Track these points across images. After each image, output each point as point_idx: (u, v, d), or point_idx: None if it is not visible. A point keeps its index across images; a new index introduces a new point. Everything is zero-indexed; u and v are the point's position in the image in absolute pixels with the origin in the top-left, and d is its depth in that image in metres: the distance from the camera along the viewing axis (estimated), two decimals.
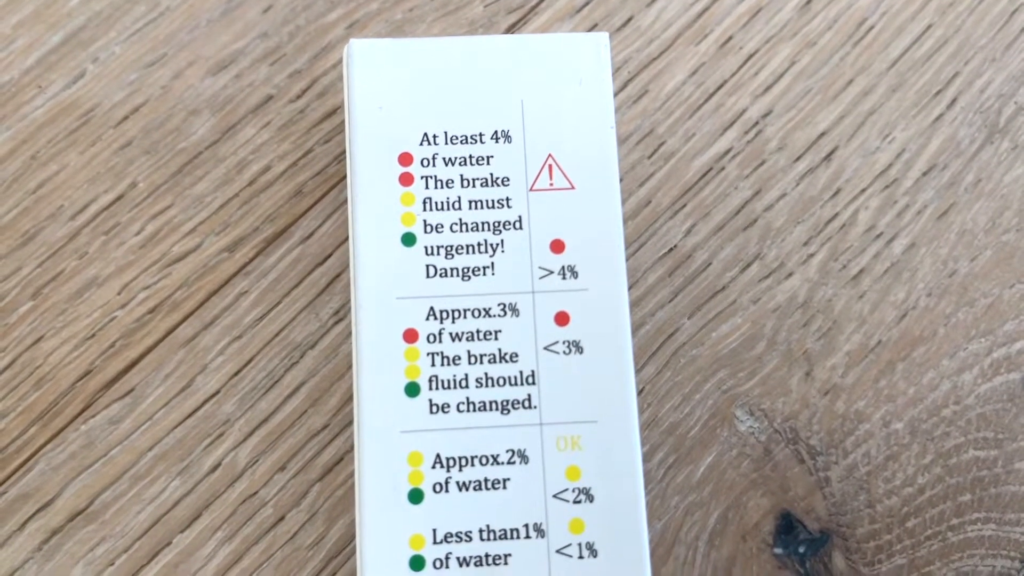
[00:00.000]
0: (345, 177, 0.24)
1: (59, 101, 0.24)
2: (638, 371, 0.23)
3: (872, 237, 0.24)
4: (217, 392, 0.23)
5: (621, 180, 0.24)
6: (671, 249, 0.24)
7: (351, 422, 0.23)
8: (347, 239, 0.24)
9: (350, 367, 0.23)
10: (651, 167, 0.24)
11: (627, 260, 0.24)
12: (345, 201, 0.24)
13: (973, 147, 0.25)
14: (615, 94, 0.25)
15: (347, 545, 0.22)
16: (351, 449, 0.22)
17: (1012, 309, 0.24)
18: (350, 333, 0.23)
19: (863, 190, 0.24)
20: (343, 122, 0.24)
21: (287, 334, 0.23)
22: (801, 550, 0.23)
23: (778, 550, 0.23)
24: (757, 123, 0.25)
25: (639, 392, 0.23)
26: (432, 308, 0.19)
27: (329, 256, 0.24)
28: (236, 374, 0.23)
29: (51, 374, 0.23)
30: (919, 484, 0.23)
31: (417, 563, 0.18)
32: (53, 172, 0.24)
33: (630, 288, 0.24)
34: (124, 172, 0.24)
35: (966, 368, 0.24)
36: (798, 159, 0.25)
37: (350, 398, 0.23)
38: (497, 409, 0.19)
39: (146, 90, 0.24)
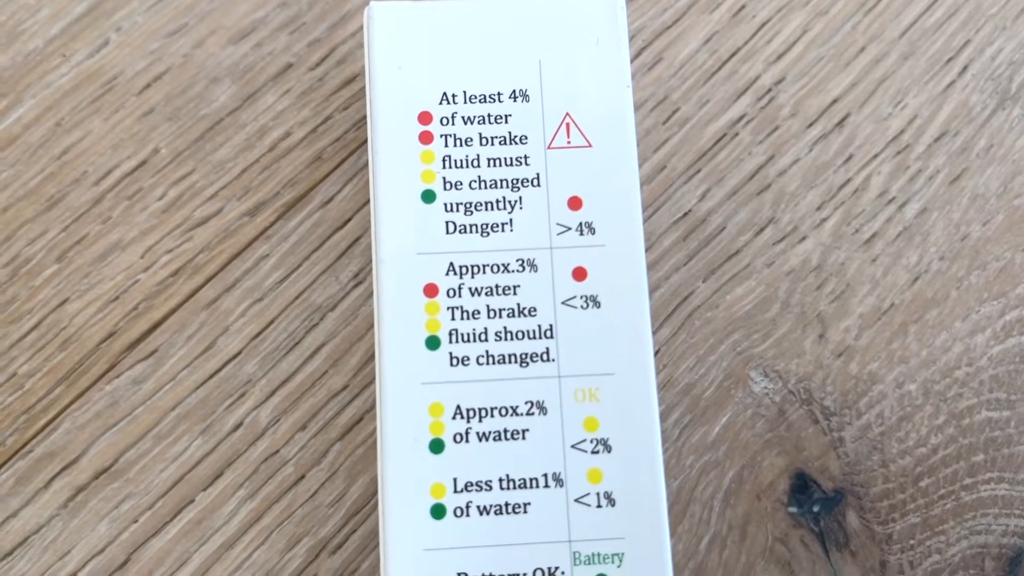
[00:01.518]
0: (364, 143, 0.24)
1: (83, 69, 0.25)
2: (653, 333, 0.23)
3: (885, 202, 0.24)
4: (239, 353, 0.23)
5: (637, 144, 0.24)
6: (686, 213, 0.24)
7: (371, 382, 0.23)
8: (366, 203, 0.24)
9: (370, 329, 0.23)
10: (666, 133, 0.25)
11: (643, 223, 0.24)
12: (364, 166, 0.24)
13: (985, 113, 0.25)
14: (630, 62, 0.25)
15: (367, 503, 0.22)
16: (371, 409, 0.23)
17: None
18: (370, 295, 0.23)
19: (875, 155, 0.25)
20: (362, 89, 0.25)
21: (307, 296, 0.23)
22: (815, 509, 0.23)
23: (792, 509, 0.23)
24: (770, 90, 0.25)
25: (655, 353, 0.23)
26: (452, 263, 0.20)
27: (348, 220, 0.24)
28: (257, 336, 0.23)
29: (76, 335, 0.23)
30: (932, 444, 0.23)
31: (438, 511, 0.19)
32: (77, 139, 0.24)
33: (645, 252, 0.24)
34: (147, 138, 0.24)
35: (979, 330, 0.24)
36: (811, 125, 0.25)
37: (370, 359, 0.23)
38: (516, 362, 0.20)
39: (168, 59, 0.25)
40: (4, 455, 0.22)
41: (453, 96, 0.21)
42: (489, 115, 0.20)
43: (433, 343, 0.20)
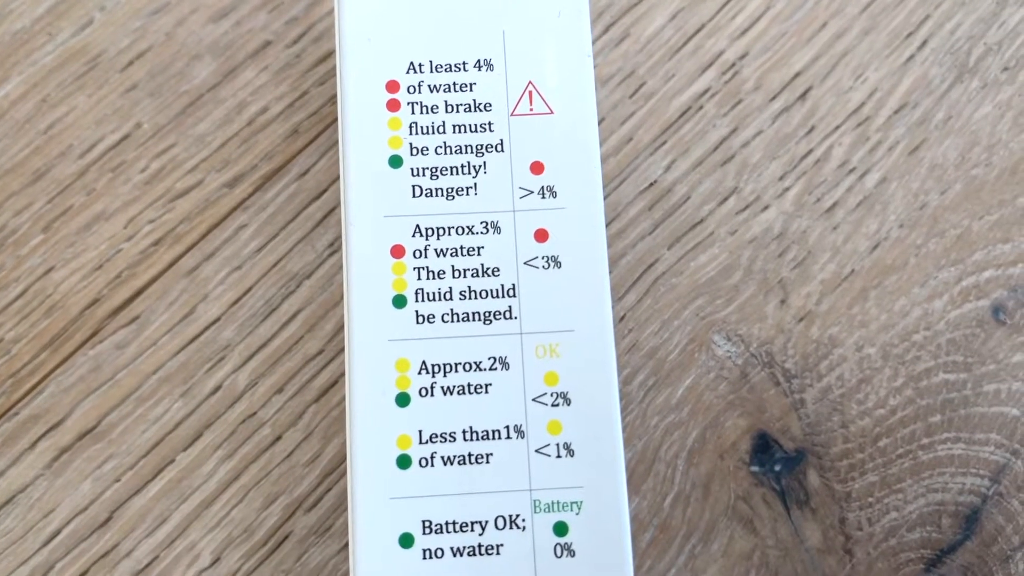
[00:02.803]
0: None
1: (68, 47, 0.25)
2: (619, 299, 0.24)
3: (845, 172, 0.25)
4: (218, 319, 0.24)
5: (603, 120, 0.25)
6: (652, 184, 0.25)
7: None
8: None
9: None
10: (632, 106, 0.25)
11: (609, 195, 0.25)
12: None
13: (944, 86, 0.26)
14: (598, 37, 0.26)
15: (341, 463, 0.23)
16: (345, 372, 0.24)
17: (981, 239, 0.25)
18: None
19: (837, 127, 0.25)
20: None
21: (284, 264, 0.24)
22: (777, 468, 0.23)
23: (755, 468, 0.23)
24: (734, 64, 0.26)
25: (620, 320, 0.24)
26: (418, 226, 0.21)
27: (324, 191, 0.25)
28: (236, 302, 0.24)
29: (61, 302, 0.24)
30: (891, 405, 0.24)
31: (404, 461, 0.19)
32: (63, 114, 0.25)
33: (612, 221, 0.25)
34: (130, 113, 0.25)
35: (936, 295, 0.25)
36: (774, 98, 0.26)
37: (344, 325, 0.24)
38: (480, 319, 0.20)
39: (150, 36, 0.25)
40: None
41: (420, 65, 0.21)
42: (454, 83, 0.21)
43: (400, 302, 0.20)
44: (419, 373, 0.20)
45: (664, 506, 0.23)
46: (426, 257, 0.20)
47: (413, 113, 0.21)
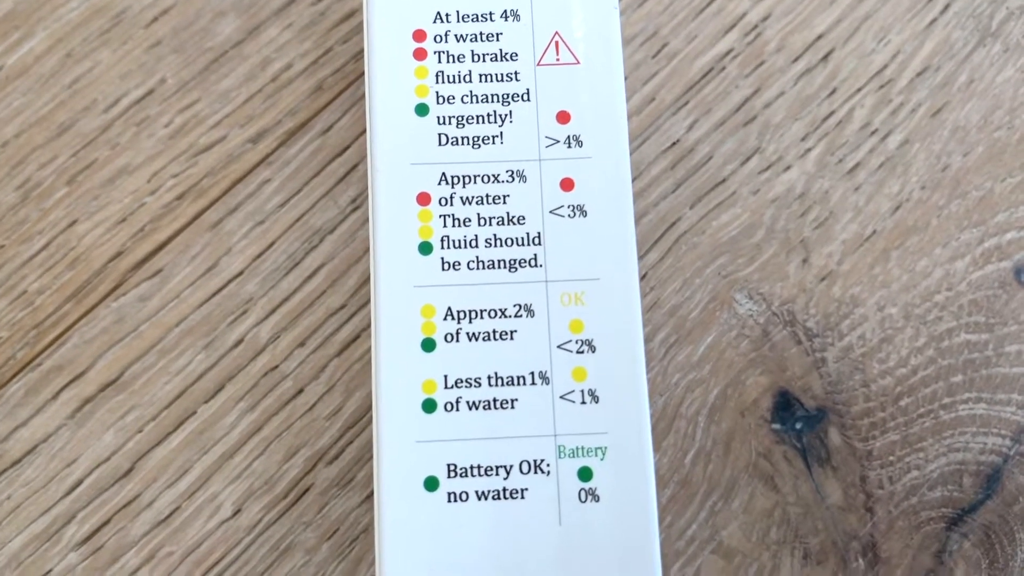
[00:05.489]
0: (363, 75, 0.25)
1: (92, 3, 0.25)
2: (641, 257, 0.24)
3: (868, 133, 0.25)
4: (241, 273, 0.24)
5: (626, 79, 0.25)
6: (674, 143, 0.25)
7: (367, 302, 0.24)
8: (364, 132, 0.25)
9: (367, 251, 0.24)
10: (655, 66, 0.25)
11: (632, 154, 0.25)
12: (362, 97, 0.25)
13: (966, 50, 0.26)
14: None
15: (363, 416, 0.23)
16: (367, 327, 0.24)
17: (1003, 201, 0.25)
18: (367, 220, 0.24)
19: (859, 89, 0.25)
20: (360, 23, 0.25)
21: (307, 219, 0.24)
22: (798, 426, 0.23)
23: (776, 426, 0.23)
24: (756, 26, 0.26)
25: (642, 277, 0.24)
26: (444, 174, 0.21)
27: (347, 148, 0.25)
28: (259, 256, 0.24)
29: (84, 255, 0.24)
30: (912, 365, 0.24)
31: (429, 406, 0.20)
32: (87, 69, 0.25)
33: (634, 180, 0.25)
34: (154, 69, 0.25)
35: (958, 256, 0.24)
36: (796, 60, 0.26)
37: (367, 279, 0.24)
38: (505, 267, 0.20)
39: None
40: (15, 367, 0.23)
41: (447, 15, 0.21)
42: (481, 33, 0.21)
43: (426, 248, 0.20)
44: (444, 319, 0.20)
45: (685, 462, 0.23)
46: (452, 205, 0.21)
47: (440, 62, 0.21)
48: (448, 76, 0.21)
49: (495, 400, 0.20)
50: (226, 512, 0.23)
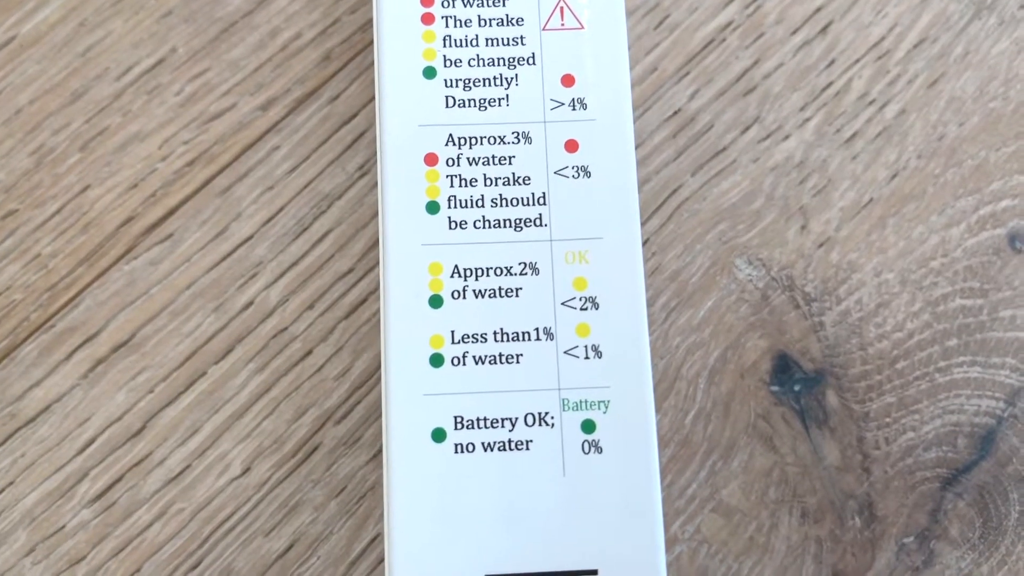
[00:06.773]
0: (370, 44, 0.26)
1: None
2: (643, 223, 0.25)
3: (865, 103, 0.26)
4: (250, 237, 0.24)
5: (629, 48, 0.26)
6: (676, 112, 0.25)
7: (375, 266, 0.24)
8: (372, 100, 0.25)
9: (374, 216, 0.25)
10: (657, 37, 0.26)
11: (635, 121, 0.25)
12: (370, 66, 0.25)
13: (962, 22, 0.26)
14: None
15: (371, 377, 0.24)
16: (375, 290, 0.24)
17: (998, 170, 0.25)
18: (375, 185, 0.25)
19: (857, 60, 0.26)
20: None
21: (316, 185, 0.25)
22: (796, 388, 0.24)
23: (775, 388, 0.24)
24: None
25: (644, 243, 0.25)
26: (451, 135, 0.21)
27: (355, 115, 0.25)
28: (268, 221, 0.24)
29: (97, 219, 0.24)
30: (908, 329, 0.24)
31: (437, 360, 0.20)
32: (100, 37, 0.25)
33: (637, 147, 0.25)
34: (165, 38, 0.26)
35: (954, 223, 0.25)
36: (795, 32, 0.26)
37: (374, 244, 0.24)
38: (511, 226, 0.21)
39: None
40: (28, 329, 0.24)
41: None
42: None
43: (433, 208, 0.21)
44: (451, 276, 0.20)
45: (685, 423, 0.24)
46: (459, 165, 0.21)
47: (447, 27, 0.22)
48: (455, 40, 0.22)
49: (501, 355, 0.20)
50: (235, 470, 0.23)
